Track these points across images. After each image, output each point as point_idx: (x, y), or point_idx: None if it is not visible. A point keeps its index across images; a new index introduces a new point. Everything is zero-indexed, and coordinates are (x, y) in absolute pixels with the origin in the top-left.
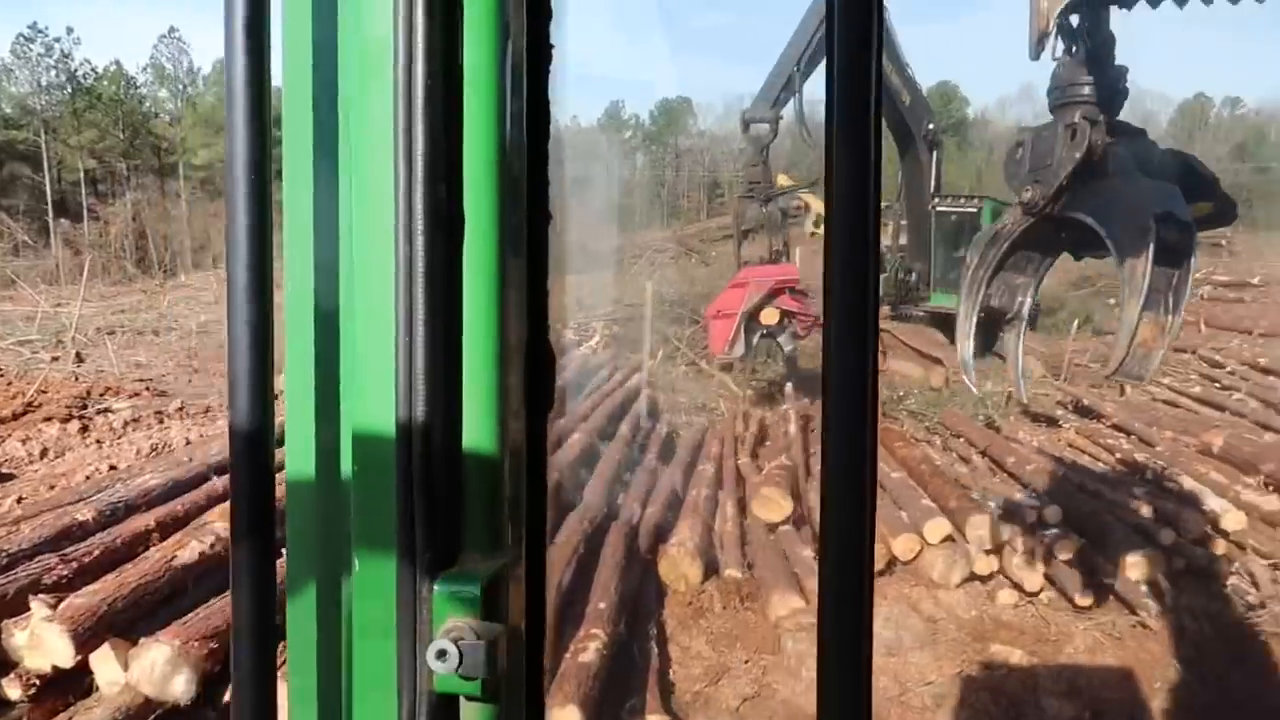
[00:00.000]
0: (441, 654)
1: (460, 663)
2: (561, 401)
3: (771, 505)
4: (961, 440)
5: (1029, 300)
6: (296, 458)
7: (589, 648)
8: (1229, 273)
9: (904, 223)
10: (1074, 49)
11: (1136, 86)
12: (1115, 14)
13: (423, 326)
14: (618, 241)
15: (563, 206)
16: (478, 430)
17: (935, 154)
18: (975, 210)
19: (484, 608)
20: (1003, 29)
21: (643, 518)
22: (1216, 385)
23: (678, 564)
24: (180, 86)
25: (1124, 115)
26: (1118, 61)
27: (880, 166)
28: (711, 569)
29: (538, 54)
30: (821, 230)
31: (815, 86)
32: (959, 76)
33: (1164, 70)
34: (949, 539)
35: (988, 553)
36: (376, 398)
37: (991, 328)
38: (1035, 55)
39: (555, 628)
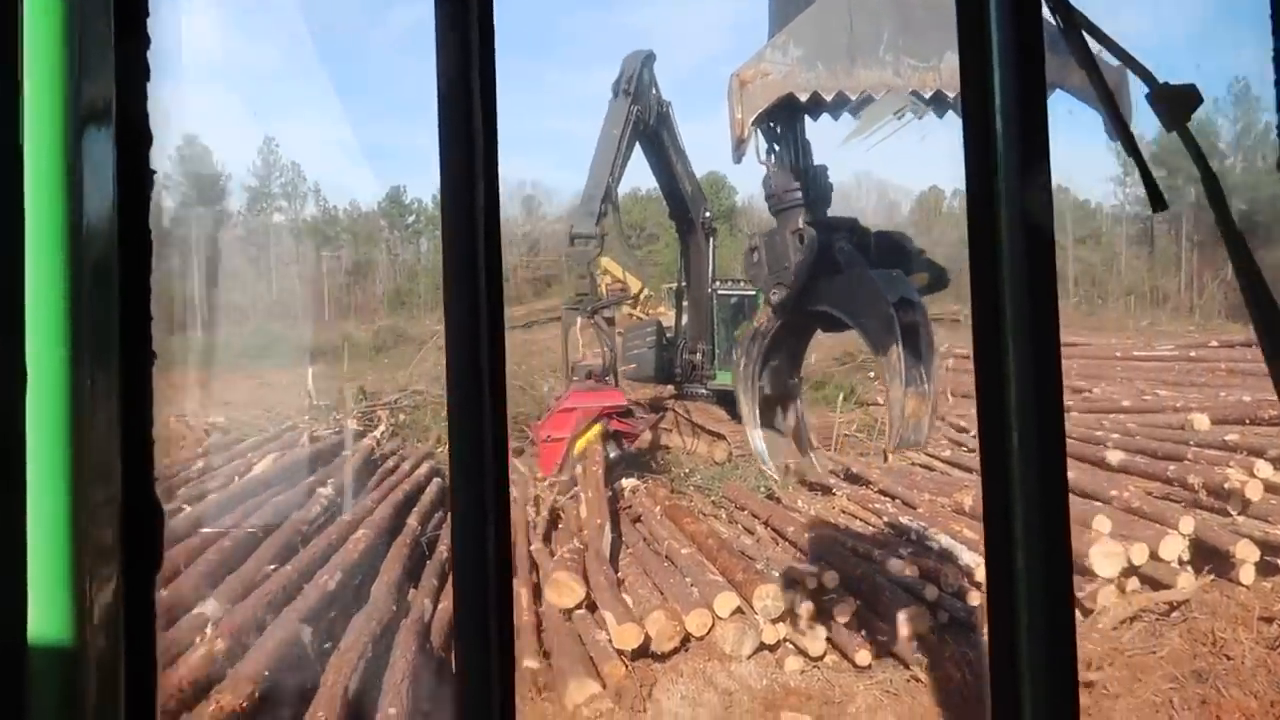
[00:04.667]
0: None
1: None
2: (343, 496)
3: (565, 590)
4: (745, 512)
5: (796, 380)
6: None
7: None
8: (967, 346)
9: (685, 304)
10: (774, 153)
11: (874, 179)
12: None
13: None
14: (403, 327)
15: (347, 294)
16: (46, 613)
17: (711, 240)
18: (753, 293)
19: None
20: None
21: (435, 613)
22: (964, 449)
23: None
24: None
25: (856, 204)
26: (816, 161)
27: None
28: None
29: (134, 136)
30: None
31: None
32: (724, 167)
33: (901, 165)
34: (738, 611)
35: (774, 622)
36: None
37: (770, 413)
38: (737, 159)
39: None
